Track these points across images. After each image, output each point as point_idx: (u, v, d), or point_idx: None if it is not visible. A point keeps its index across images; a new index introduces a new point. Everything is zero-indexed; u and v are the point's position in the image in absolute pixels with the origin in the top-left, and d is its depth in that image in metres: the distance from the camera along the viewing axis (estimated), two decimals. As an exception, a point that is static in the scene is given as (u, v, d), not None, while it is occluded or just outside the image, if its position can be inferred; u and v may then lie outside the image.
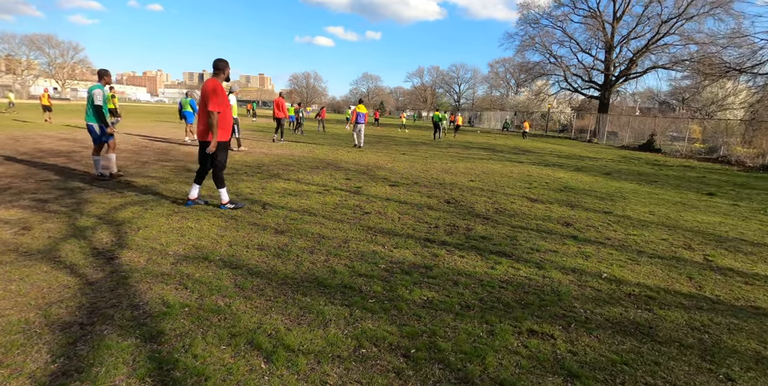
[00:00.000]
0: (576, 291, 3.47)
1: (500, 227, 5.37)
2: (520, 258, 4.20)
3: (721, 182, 11.85)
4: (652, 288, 3.63)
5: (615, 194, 8.49)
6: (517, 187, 8.62)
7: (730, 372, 2.41)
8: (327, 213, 5.60)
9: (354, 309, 2.99)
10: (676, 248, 4.94)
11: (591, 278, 3.77)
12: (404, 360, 2.40)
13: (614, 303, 3.26)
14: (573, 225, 5.69)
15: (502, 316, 2.95)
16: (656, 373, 2.36)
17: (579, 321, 2.92)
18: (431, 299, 3.19)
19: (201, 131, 5.26)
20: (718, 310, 3.28)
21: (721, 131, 20.39)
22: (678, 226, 6.09)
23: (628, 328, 2.88)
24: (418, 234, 4.86)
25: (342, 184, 7.74)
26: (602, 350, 2.57)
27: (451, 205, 6.51)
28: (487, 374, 2.28)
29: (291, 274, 3.58)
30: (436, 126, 22.40)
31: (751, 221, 6.79)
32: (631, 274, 3.95)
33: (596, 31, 31.50)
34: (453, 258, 4.11)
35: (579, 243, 4.86)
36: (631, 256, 4.51)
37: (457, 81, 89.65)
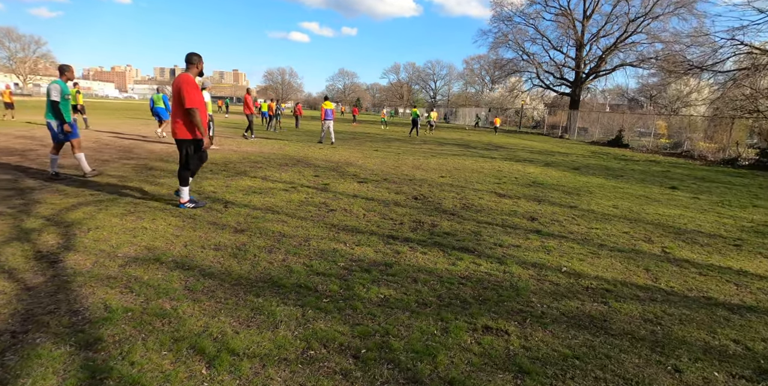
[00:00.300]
0: (535, 285, 3.46)
1: (466, 222, 5.35)
2: (482, 254, 4.17)
3: (683, 176, 12.23)
4: (610, 281, 3.66)
5: (582, 189, 8.63)
6: (487, 182, 8.66)
7: (679, 364, 2.43)
8: (291, 211, 5.46)
9: (307, 309, 2.89)
10: (636, 241, 5.03)
11: (551, 272, 3.78)
12: (353, 361, 2.32)
13: (571, 297, 3.26)
14: (538, 220, 5.73)
15: (458, 313, 2.90)
16: (606, 367, 2.35)
17: (535, 316, 2.91)
18: (388, 297, 3.12)
19: (175, 129, 5.01)
20: (672, 301, 3.33)
21: (684, 126, 21.10)
22: (640, 219, 6.22)
23: (583, 322, 2.87)
24: (381, 231, 4.79)
25: (310, 181, 7.60)
26: (555, 344, 2.56)
27: (419, 201, 6.46)
28: (437, 373, 2.22)
29: (246, 274, 3.45)
30: (414, 123, 22.38)
31: (709, 214, 7.00)
32: (591, 267, 3.98)
33: (567, 29, 32.11)
34: (415, 255, 4.05)
35: (542, 238, 4.88)
36: (592, 249, 4.55)
37: (433, 77, 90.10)
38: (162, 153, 10.21)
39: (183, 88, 4.79)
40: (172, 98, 4.98)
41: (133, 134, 14.44)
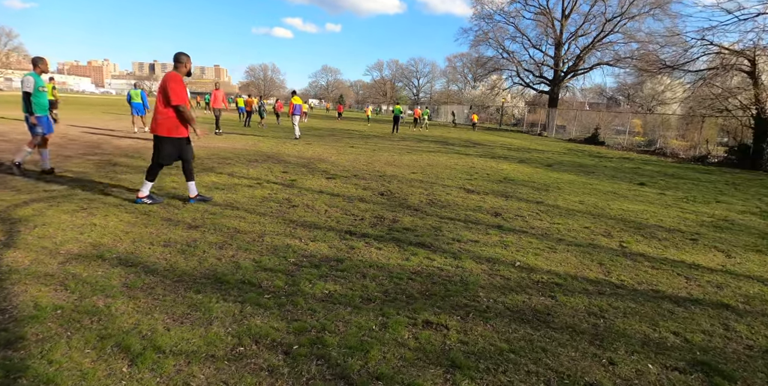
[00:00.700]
0: (485, 280, 3.44)
1: (428, 218, 5.32)
2: (438, 249, 4.14)
3: (653, 173, 12.47)
4: (562, 275, 3.66)
5: (551, 185, 8.70)
6: (458, 178, 8.66)
7: (614, 356, 2.42)
8: (251, 207, 5.35)
9: (246, 305, 2.80)
10: (595, 236, 5.06)
11: (504, 267, 3.76)
12: (283, 357, 2.25)
13: (519, 291, 3.25)
14: (502, 215, 5.74)
15: (401, 308, 2.85)
16: (541, 360, 2.33)
17: (479, 311, 2.88)
18: (332, 292, 3.05)
19: (155, 126, 4.99)
20: (620, 295, 3.34)
21: (658, 125, 21.54)
22: (603, 214, 6.28)
23: (527, 316, 2.86)
24: (340, 227, 4.71)
25: (277, 177, 7.47)
26: (494, 339, 2.53)
27: (385, 197, 6.41)
28: (367, 368, 2.17)
29: (190, 271, 3.35)
30: (395, 120, 22.32)
31: (672, 209, 7.12)
32: (545, 262, 3.98)
33: (546, 27, 32.47)
34: (369, 250, 3.99)
35: (502, 233, 4.88)
36: (550, 244, 4.56)
37: (416, 75, 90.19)
38: (129, 149, 9.93)
39: (169, 86, 4.82)
40: (159, 96, 4.96)
41: (104, 129, 14.03)
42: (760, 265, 4.43)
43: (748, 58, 15.04)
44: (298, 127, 14.90)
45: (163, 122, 4.96)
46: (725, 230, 5.93)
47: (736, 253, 4.81)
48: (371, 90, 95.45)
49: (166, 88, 4.84)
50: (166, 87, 4.84)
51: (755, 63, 14.90)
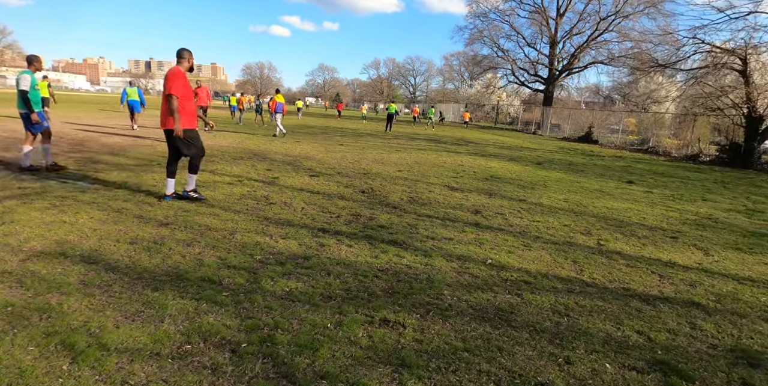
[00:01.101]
0: (452, 278, 3.38)
1: (406, 215, 5.26)
2: (410, 247, 4.08)
3: (643, 171, 12.44)
4: (532, 273, 3.61)
5: (538, 183, 8.65)
6: (444, 176, 8.60)
7: (572, 355, 2.37)
8: (227, 204, 5.28)
9: (202, 303, 2.74)
10: (574, 234, 5.02)
11: (474, 265, 3.71)
12: (230, 355, 2.20)
13: (486, 289, 3.19)
14: (482, 213, 5.68)
15: (360, 306, 2.80)
16: (495, 359, 2.27)
17: (440, 309, 2.82)
18: (293, 290, 2.99)
19: (165, 121, 5.04)
20: (588, 293, 3.29)
21: (651, 123, 21.53)
22: (586, 212, 6.24)
23: (489, 314, 2.80)
24: (314, 224, 4.65)
25: (260, 175, 7.40)
26: (450, 337, 2.47)
27: (366, 195, 6.34)
28: (313, 367, 2.11)
29: (152, 268, 3.28)
30: (389, 118, 22.23)
31: (657, 207, 7.08)
32: (518, 260, 3.93)
33: (541, 26, 32.40)
34: (339, 248, 3.93)
35: (479, 230, 4.82)
36: (525, 242, 4.51)
37: (412, 73, 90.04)
38: (115, 147, 9.83)
39: (168, 78, 4.88)
40: (163, 91, 5.01)
41: (94, 126, 13.91)
42: (737, 263, 4.39)
43: (739, 56, 15.02)
44: (280, 124, 15.04)
45: (181, 117, 5.00)
46: (708, 228, 5.90)
47: (715, 251, 4.78)
48: (368, 88, 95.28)
49: (167, 81, 4.89)
50: (167, 80, 4.89)
51: (747, 62, 14.88)
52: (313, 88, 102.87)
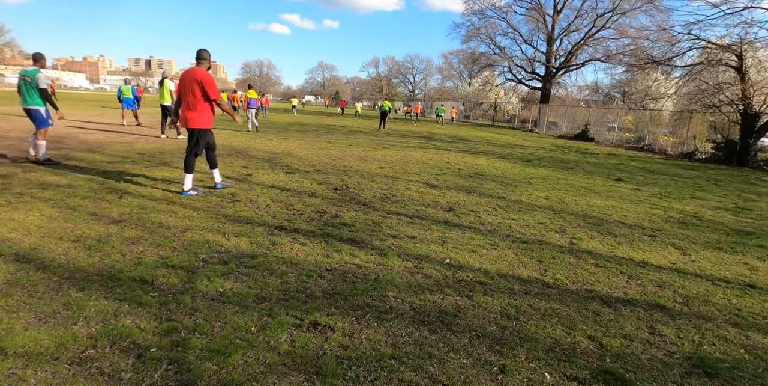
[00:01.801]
0: (403, 278, 3.19)
1: (373, 213, 5.06)
2: (367, 245, 3.89)
3: (635, 169, 12.22)
4: (491, 273, 3.42)
5: (523, 180, 8.45)
6: (426, 173, 8.40)
7: (510, 364, 2.18)
8: (189, 201, 5.09)
9: (125, 304, 2.56)
10: (547, 232, 4.82)
11: (431, 264, 3.51)
12: (134, 360, 2.03)
13: (435, 291, 3.00)
14: (455, 211, 5.49)
15: (294, 308, 2.61)
16: (423, 368, 2.08)
17: (379, 312, 2.63)
18: (227, 291, 2.80)
19: (193, 117, 5.23)
20: (546, 295, 3.10)
21: (647, 121, 21.27)
22: (565, 210, 6.04)
23: (431, 318, 2.61)
24: (274, 222, 4.46)
25: (234, 171, 7.20)
26: (380, 343, 2.28)
27: (339, 192, 6.15)
28: (219, 375, 1.93)
29: (86, 267, 3.10)
30: (383, 115, 22.01)
31: (641, 205, 6.88)
32: (479, 259, 3.74)
33: (538, 23, 32.10)
34: (292, 246, 3.75)
35: (447, 228, 4.63)
36: (493, 240, 4.31)
37: (411, 71, 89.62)
38: (94, 143, 9.65)
39: (207, 83, 5.10)
40: (187, 90, 5.14)
41: (82, 123, 13.72)
42: (714, 263, 4.19)
43: (735, 53, 14.77)
44: (254, 119, 15.19)
45: (200, 116, 5.23)
46: (691, 226, 5.69)
47: (693, 250, 4.58)
48: (367, 86, 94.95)
49: (204, 86, 5.07)
50: (204, 85, 5.07)
51: (742, 58, 14.62)
52: (313, 87, 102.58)
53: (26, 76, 6.70)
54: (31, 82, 6.67)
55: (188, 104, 5.19)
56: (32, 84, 6.66)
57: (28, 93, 6.69)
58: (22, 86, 6.72)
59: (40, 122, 6.78)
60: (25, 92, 6.69)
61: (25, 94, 6.70)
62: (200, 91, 5.12)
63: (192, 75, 5.09)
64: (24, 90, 6.71)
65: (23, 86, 6.71)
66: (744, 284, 3.69)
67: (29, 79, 6.68)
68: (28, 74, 6.71)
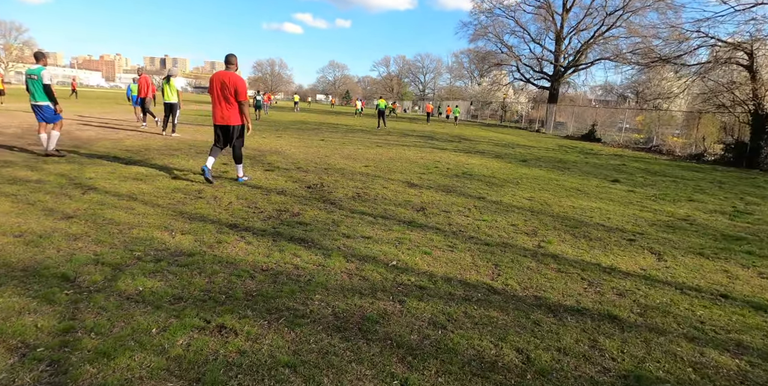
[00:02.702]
0: (338, 280, 3.02)
1: (338, 212, 4.90)
2: (316, 245, 3.73)
3: (636, 170, 11.84)
4: (436, 277, 3.23)
5: (511, 180, 8.20)
6: (411, 172, 8.21)
7: (414, 378, 1.99)
8: (151, 198, 4.99)
9: (35, 301, 2.47)
10: (517, 234, 4.60)
11: (375, 266, 3.34)
12: (15, 360, 1.97)
13: (367, 295, 2.83)
14: (426, 210, 5.30)
15: (207, 309, 2.47)
16: (313, 379, 1.91)
17: (296, 316, 2.47)
18: (146, 290, 2.68)
19: (227, 117, 5.83)
20: (489, 301, 2.90)
21: (654, 121, 20.70)
22: (545, 211, 5.80)
23: (350, 324, 2.44)
24: (229, 219, 4.33)
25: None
26: (282, 350, 2.12)
27: (311, 190, 6.00)
28: (95, 378, 1.83)
29: (15, 263, 3.01)
30: (380, 114, 21.86)
31: (631, 207, 6.60)
32: (430, 262, 3.55)
33: (546, 21, 31.52)
34: (237, 245, 3.61)
35: (409, 229, 4.45)
36: (453, 242, 4.12)
37: (422, 71, 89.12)
38: (82, 139, 9.68)
39: (240, 86, 5.71)
40: (223, 91, 5.70)
41: (82, 118, 13.84)
42: (690, 270, 3.94)
43: (745, 51, 14.22)
44: None
45: (236, 114, 5.85)
46: (678, 230, 5.41)
47: (671, 256, 4.32)
48: (378, 86, 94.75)
49: (237, 88, 5.68)
50: (237, 87, 5.68)
51: (753, 56, 14.07)
52: (324, 86, 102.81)
53: (32, 74, 7.00)
54: (37, 80, 6.96)
55: (224, 104, 5.76)
56: (38, 82, 6.96)
57: (36, 90, 6.99)
58: (29, 84, 7.03)
59: (51, 116, 7.14)
60: (33, 90, 7.00)
61: (33, 91, 7.01)
62: (234, 92, 5.68)
63: (228, 78, 5.65)
64: (32, 88, 7.01)
65: (30, 84, 7.02)
66: (716, 293, 3.44)
67: (35, 77, 6.97)
68: (33, 73, 7.01)
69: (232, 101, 5.74)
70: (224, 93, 5.68)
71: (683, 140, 18.85)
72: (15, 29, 61.34)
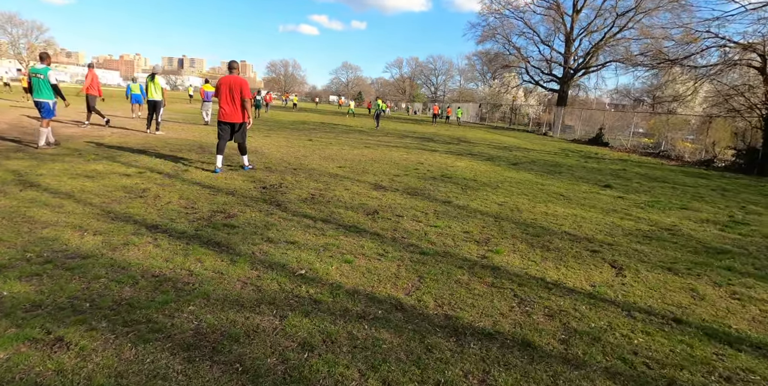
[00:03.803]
0: (226, 290, 2.74)
1: (278, 214, 4.63)
2: (229, 250, 3.46)
3: (635, 175, 11.30)
4: (342, 290, 2.92)
5: (491, 184, 7.82)
6: (386, 174, 7.89)
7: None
8: (88, 196, 4.79)
9: None
10: (464, 242, 4.26)
11: (278, 275, 3.05)
12: None
13: (248, 309, 2.53)
14: (378, 214, 4.98)
15: (57, 319, 2.24)
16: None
17: (150, 330, 2.20)
18: (8, 295, 2.46)
19: (236, 114, 6.59)
20: (386, 320, 2.58)
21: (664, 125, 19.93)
22: (512, 218, 5.43)
23: (205, 342, 2.15)
24: (153, 220, 4.09)
25: (172, 167, 6.89)
26: (106, 370, 1.85)
27: (264, 191, 5.74)
28: None
29: None
30: (377, 116, 21.54)
31: (612, 215, 6.17)
32: (346, 271, 3.24)
33: (556, 23, 30.82)
34: (144, 248, 3.37)
35: (345, 234, 4.14)
36: (386, 249, 3.80)
37: (434, 73, 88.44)
38: (62, 137, 9.61)
39: (245, 88, 6.55)
40: (231, 93, 6.48)
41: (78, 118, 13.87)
42: (649, 288, 3.53)
43: (757, 52, 13.50)
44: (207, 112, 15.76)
45: (240, 112, 6.60)
46: (655, 241, 4.98)
47: (633, 270, 3.92)
48: (391, 87, 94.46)
49: (243, 89, 6.50)
50: (243, 88, 6.51)
51: (766, 58, 13.34)
52: (338, 87, 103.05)
53: (37, 73, 7.38)
54: (44, 79, 7.37)
55: (231, 104, 6.51)
56: (43, 80, 7.37)
57: (38, 88, 7.39)
58: (33, 82, 7.43)
59: (46, 112, 7.49)
60: (36, 87, 7.40)
61: (36, 88, 7.41)
62: (241, 92, 6.46)
63: (234, 81, 6.48)
64: (35, 85, 7.39)
65: (34, 82, 7.42)
66: (669, 317, 3.03)
67: (41, 76, 7.37)
68: (39, 72, 7.39)
69: (237, 101, 6.51)
70: (232, 94, 6.45)
71: (694, 146, 18.10)
72: (36, 29, 62.87)
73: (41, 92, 7.44)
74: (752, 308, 3.33)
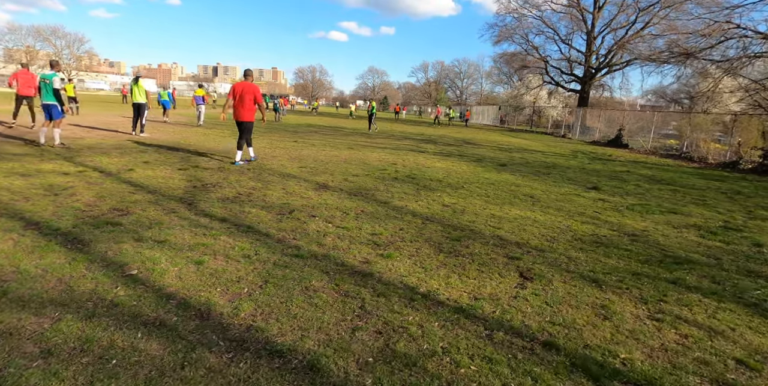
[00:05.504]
0: (31, 289, 2.55)
1: (180, 213, 4.44)
2: (83, 249, 3.29)
3: (639, 177, 10.45)
4: (161, 293, 2.66)
5: (456, 185, 7.38)
6: (343, 174, 7.59)
7: None
8: (3, 193, 4.75)
9: None
10: (360, 245, 3.90)
11: (107, 275, 2.82)
12: None
13: (32, 308, 2.30)
14: (290, 215, 4.71)
15: None
16: None
17: None
18: None
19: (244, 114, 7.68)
20: (173, 329, 2.28)
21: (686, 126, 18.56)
22: (446, 220, 5.02)
23: None
24: (41, 217, 3.98)
25: (125, 166, 6.87)
26: None
27: (201, 190, 5.58)
28: None
29: None
30: (370, 117, 21.20)
31: (575, 218, 5.64)
32: (184, 274, 2.98)
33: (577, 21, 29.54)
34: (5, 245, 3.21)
35: (229, 234, 3.90)
36: (258, 251, 3.51)
37: (460, 76, 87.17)
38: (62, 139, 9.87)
39: (258, 93, 7.69)
40: (243, 96, 7.54)
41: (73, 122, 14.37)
42: (550, 302, 3.03)
43: (783, 42, 12.28)
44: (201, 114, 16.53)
45: (252, 113, 7.75)
46: (604, 247, 4.44)
47: (547, 281, 3.43)
48: (417, 92, 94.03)
49: (256, 94, 7.62)
50: (256, 93, 7.62)
51: (793, 49, 12.12)
52: (365, 91, 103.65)
53: (45, 79, 8.13)
54: (49, 83, 8.03)
55: (242, 106, 7.58)
56: (49, 85, 8.03)
57: (46, 92, 8.08)
58: (42, 86, 8.13)
59: (56, 114, 8.16)
60: (44, 91, 8.09)
61: (43, 92, 8.11)
62: (254, 97, 7.57)
63: (248, 87, 7.56)
64: (43, 90, 8.10)
65: (43, 87, 8.11)
66: (539, 341, 2.51)
67: (48, 81, 8.05)
68: (47, 77, 8.14)
69: (248, 104, 7.58)
70: (245, 98, 7.51)
71: (720, 146, 16.77)
72: (78, 40, 66.53)
73: (48, 96, 8.08)
74: (669, 332, 2.76)
